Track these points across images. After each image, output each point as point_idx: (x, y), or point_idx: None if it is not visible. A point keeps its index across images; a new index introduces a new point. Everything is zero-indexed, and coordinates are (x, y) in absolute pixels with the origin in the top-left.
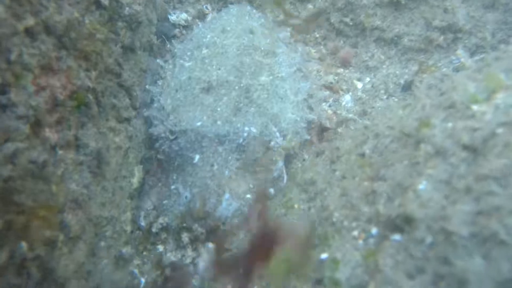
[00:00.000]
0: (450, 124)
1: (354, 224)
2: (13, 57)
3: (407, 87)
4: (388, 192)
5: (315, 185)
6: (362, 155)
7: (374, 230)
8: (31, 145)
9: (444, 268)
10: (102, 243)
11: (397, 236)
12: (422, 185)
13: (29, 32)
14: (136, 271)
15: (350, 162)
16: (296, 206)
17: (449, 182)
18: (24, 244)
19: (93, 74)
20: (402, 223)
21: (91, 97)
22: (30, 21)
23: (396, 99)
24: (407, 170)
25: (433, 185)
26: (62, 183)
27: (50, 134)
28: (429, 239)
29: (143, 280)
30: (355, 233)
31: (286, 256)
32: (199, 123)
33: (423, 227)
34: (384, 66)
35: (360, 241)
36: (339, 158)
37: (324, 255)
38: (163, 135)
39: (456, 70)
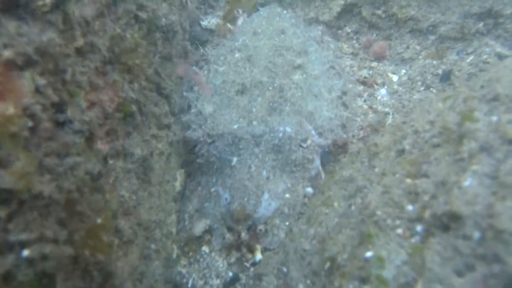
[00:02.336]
0: (494, 118)
1: (397, 222)
2: (68, 77)
3: (446, 77)
4: (432, 190)
5: (354, 182)
6: (402, 151)
7: (419, 228)
8: (86, 158)
9: (494, 265)
10: (153, 246)
11: (443, 234)
12: (467, 182)
13: (79, 51)
14: (183, 271)
15: (390, 158)
16: (336, 204)
17: (496, 177)
18: (86, 252)
19: (136, 85)
20: (449, 220)
21: (134, 107)
22: (80, 42)
23: (434, 90)
24: (450, 166)
25: (479, 181)
26: (114, 191)
27: (102, 146)
28: (477, 235)
29: (190, 280)
30: (399, 231)
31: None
32: (235, 126)
33: (471, 224)
34: (420, 57)
35: (405, 239)
36: (378, 155)
37: (369, 254)
38: (201, 139)
39: (498, 56)
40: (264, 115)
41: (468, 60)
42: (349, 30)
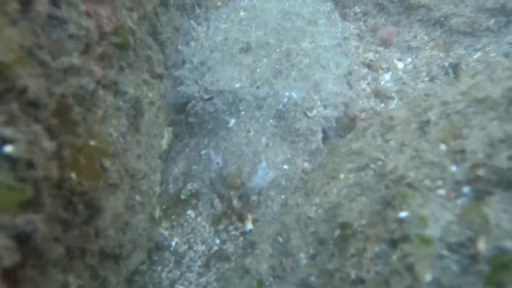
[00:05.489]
0: None
1: (439, 183)
2: None
3: (453, 70)
4: (486, 148)
5: (364, 155)
6: (427, 122)
7: (466, 189)
8: (81, 70)
9: None
10: (138, 198)
11: (506, 192)
12: None
13: None
14: (166, 233)
15: (409, 131)
16: (342, 176)
17: None
18: (73, 176)
19: (135, 15)
20: None
21: (132, 39)
22: None
23: (439, 82)
24: (506, 125)
25: None
26: (103, 125)
27: (95, 68)
28: None
29: (173, 243)
30: (441, 192)
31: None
32: (237, 85)
33: None
34: (427, 48)
35: (449, 200)
36: (394, 128)
37: (403, 214)
38: (196, 94)
39: (506, 55)
40: (269, 77)
41: (475, 56)
42: (358, 11)
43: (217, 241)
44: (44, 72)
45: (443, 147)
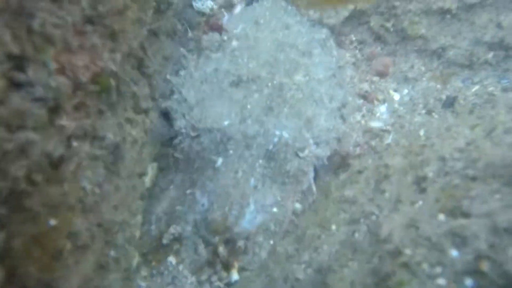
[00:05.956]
0: None
1: (438, 269)
2: (36, 25)
3: (449, 103)
4: (489, 236)
5: (357, 205)
6: (423, 178)
7: (468, 282)
8: (47, 136)
9: None
10: (112, 253)
11: None
12: None
13: None
14: (143, 284)
15: (405, 184)
16: (333, 227)
17: None
18: (30, 268)
19: (118, 56)
20: None
21: (113, 82)
22: None
23: (436, 116)
24: (509, 212)
25: None
26: (75, 181)
27: (67, 122)
28: None
29: None
30: (441, 282)
31: None
32: (226, 122)
33: None
34: (424, 79)
35: None
36: (388, 178)
37: None
38: (183, 130)
39: (504, 90)
40: (260, 114)
41: (473, 90)
42: (354, 39)
43: None
44: None
45: (441, 217)
